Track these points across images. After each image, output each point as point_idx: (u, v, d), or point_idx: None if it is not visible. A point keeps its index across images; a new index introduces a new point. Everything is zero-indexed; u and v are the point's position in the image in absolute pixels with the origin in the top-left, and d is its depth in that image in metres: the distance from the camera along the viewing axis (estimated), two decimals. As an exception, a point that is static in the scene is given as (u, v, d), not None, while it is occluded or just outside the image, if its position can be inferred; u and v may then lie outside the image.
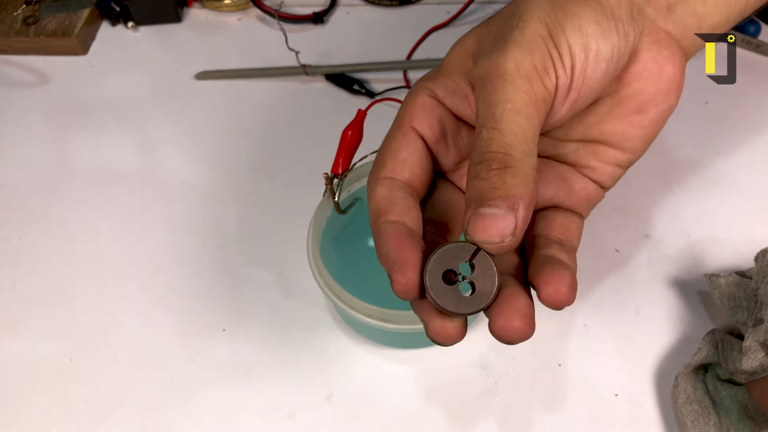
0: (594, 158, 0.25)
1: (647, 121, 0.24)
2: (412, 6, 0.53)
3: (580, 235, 0.25)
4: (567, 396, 0.33)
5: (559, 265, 0.21)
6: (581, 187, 0.25)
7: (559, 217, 0.25)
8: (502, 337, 0.20)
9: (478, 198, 0.20)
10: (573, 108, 0.22)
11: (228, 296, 0.38)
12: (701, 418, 0.30)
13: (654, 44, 0.23)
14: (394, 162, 0.23)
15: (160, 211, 0.42)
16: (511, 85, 0.20)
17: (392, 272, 0.20)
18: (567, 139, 0.25)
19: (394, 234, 0.21)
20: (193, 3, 0.54)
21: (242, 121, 0.47)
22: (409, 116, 0.24)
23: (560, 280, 0.21)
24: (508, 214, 0.19)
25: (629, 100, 0.23)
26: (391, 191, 0.23)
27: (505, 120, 0.20)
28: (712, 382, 0.32)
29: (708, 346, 0.32)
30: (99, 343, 0.36)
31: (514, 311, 0.20)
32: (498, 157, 0.20)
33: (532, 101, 0.20)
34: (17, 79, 0.50)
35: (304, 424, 0.33)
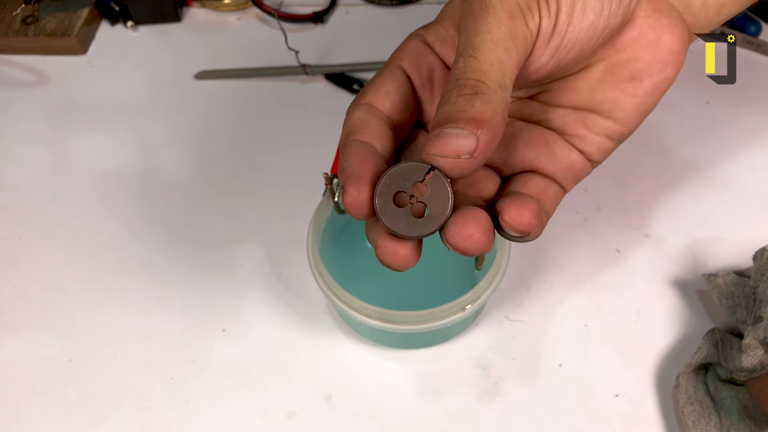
0: (583, 126, 0.24)
1: (641, 90, 0.23)
2: (412, 5, 0.53)
3: (556, 203, 0.24)
4: (567, 396, 0.33)
5: (526, 197, 0.21)
6: (564, 154, 0.24)
7: (536, 178, 0.24)
8: (456, 245, 0.20)
9: (443, 120, 0.19)
10: (555, 57, 0.21)
11: (228, 296, 0.38)
12: (702, 418, 0.30)
13: (654, 12, 0.22)
14: (376, 93, 0.23)
15: (159, 210, 0.42)
16: (493, 17, 0.20)
17: (346, 184, 0.20)
18: (556, 104, 0.24)
19: (359, 150, 0.21)
20: (193, 2, 0.54)
21: (242, 121, 0.47)
22: (399, 57, 0.24)
23: (524, 205, 0.21)
24: (470, 135, 0.19)
25: (622, 66, 0.23)
26: (368, 115, 0.22)
27: (483, 49, 0.19)
28: (713, 382, 0.32)
29: (708, 346, 0.32)
30: (99, 343, 0.36)
31: (470, 219, 0.20)
32: (470, 83, 0.19)
33: (513, 36, 0.20)
34: (17, 78, 0.50)
35: (304, 425, 0.33)
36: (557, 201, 0.24)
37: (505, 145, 0.24)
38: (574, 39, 0.21)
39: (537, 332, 0.36)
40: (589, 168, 0.25)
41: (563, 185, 0.24)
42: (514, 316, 0.36)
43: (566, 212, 0.40)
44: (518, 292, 0.37)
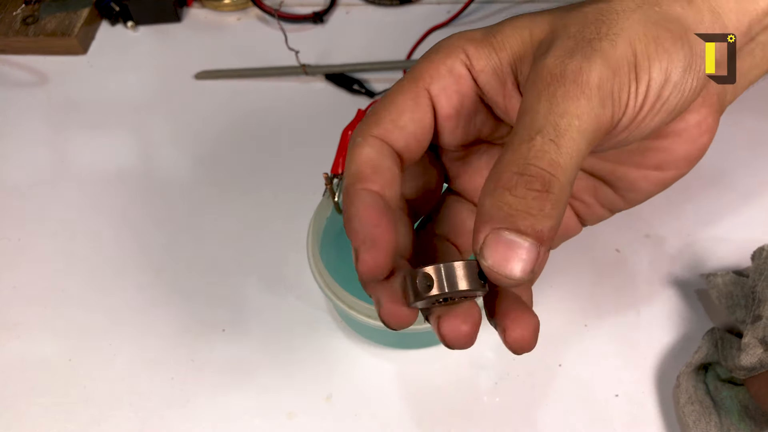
0: (592, 196, 0.23)
1: (660, 180, 0.22)
2: (412, 6, 0.53)
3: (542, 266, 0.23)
4: (567, 396, 0.33)
5: (526, 309, 0.19)
6: (563, 221, 0.22)
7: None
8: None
9: (503, 217, 0.16)
10: (611, 145, 0.20)
11: (228, 296, 0.38)
12: (703, 418, 0.30)
13: (704, 107, 0.20)
14: (393, 124, 0.20)
15: (159, 210, 0.42)
16: (587, 102, 0.17)
17: (361, 250, 0.18)
18: None
19: (372, 206, 0.19)
20: (193, 2, 0.54)
21: (242, 121, 0.47)
22: (429, 77, 0.20)
23: (527, 322, 0.19)
24: (533, 247, 0.16)
25: (654, 153, 0.21)
26: (380, 156, 0.20)
27: (569, 137, 0.17)
28: (713, 382, 0.32)
29: (708, 345, 0.32)
30: (99, 343, 0.36)
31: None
32: (544, 177, 0.16)
33: (597, 128, 0.17)
34: (17, 79, 0.50)
35: (304, 425, 0.33)
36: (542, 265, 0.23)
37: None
38: (637, 136, 0.19)
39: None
40: (578, 230, 0.25)
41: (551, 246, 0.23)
42: (514, 316, 0.36)
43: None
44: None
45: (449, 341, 0.19)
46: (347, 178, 0.20)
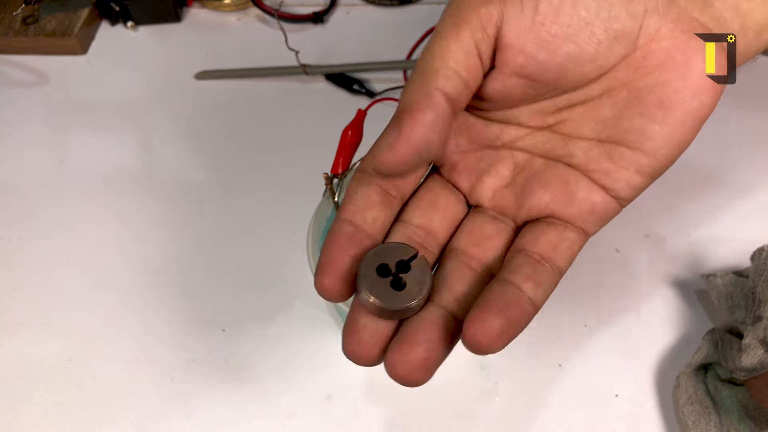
0: (608, 160, 0.22)
1: (671, 119, 0.21)
2: (412, 6, 0.53)
3: (571, 255, 0.22)
4: (567, 396, 0.33)
5: (501, 302, 0.19)
6: (584, 196, 0.22)
7: (549, 231, 0.22)
8: (396, 376, 0.20)
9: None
10: (546, 49, 0.20)
11: (228, 296, 0.38)
12: (702, 418, 0.30)
13: (681, 33, 0.20)
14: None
15: (159, 210, 0.42)
16: (447, 15, 0.20)
17: (317, 271, 0.20)
18: (579, 135, 0.22)
19: (331, 234, 0.20)
20: (193, 3, 0.54)
21: (242, 121, 0.47)
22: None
23: (487, 320, 0.18)
24: (393, 129, 0.19)
25: (649, 92, 0.21)
26: (356, 183, 0.21)
27: (428, 47, 0.20)
28: (713, 382, 0.32)
29: (708, 345, 0.32)
30: (99, 343, 0.36)
31: (410, 348, 0.19)
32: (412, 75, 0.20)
33: (457, 25, 0.20)
34: (17, 79, 0.50)
35: (304, 425, 0.33)
36: (572, 253, 0.22)
37: (521, 188, 0.22)
38: (564, 34, 0.20)
39: (537, 332, 0.36)
40: (615, 208, 0.22)
41: (585, 229, 0.22)
42: (514, 316, 0.36)
43: (566, 212, 0.40)
44: (518, 292, 0.37)
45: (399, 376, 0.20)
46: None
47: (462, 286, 0.21)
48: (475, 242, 0.22)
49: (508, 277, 0.20)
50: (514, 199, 0.22)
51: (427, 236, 0.22)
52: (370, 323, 0.20)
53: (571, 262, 0.22)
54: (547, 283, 0.21)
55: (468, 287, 0.21)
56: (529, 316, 0.20)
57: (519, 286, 0.20)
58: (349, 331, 0.20)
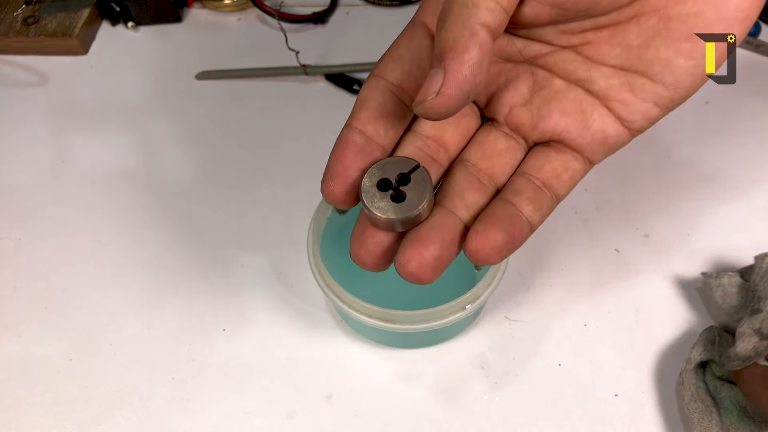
0: (629, 91, 0.21)
1: (698, 51, 0.20)
2: (413, 6, 0.53)
3: (572, 185, 0.22)
4: (567, 396, 0.33)
5: (504, 219, 0.20)
6: (599, 127, 0.22)
7: (555, 159, 0.22)
8: (403, 275, 0.20)
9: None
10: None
11: (228, 296, 0.38)
12: (705, 416, 0.30)
13: None
14: (388, 59, 0.22)
15: (159, 210, 0.42)
16: None
17: (324, 176, 0.21)
18: (601, 60, 0.22)
19: (342, 141, 0.21)
20: (193, 3, 0.54)
21: (242, 121, 0.47)
22: (423, 10, 0.22)
23: (491, 234, 0.20)
24: (438, 70, 0.18)
25: (680, 22, 0.20)
26: (370, 92, 0.21)
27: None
28: (712, 381, 0.32)
29: (704, 342, 0.32)
30: (99, 343, 0.36)
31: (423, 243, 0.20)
32: (441, 14, 0.18)
33: None
34: (17, 79, 0.50)
35: (304, 425, 0.33)
36: (575, 181, 0.22)
37: (538, 108, 0.22)
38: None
39: (537, 332, 0.36)
40: (626, 138, 0.22)
41: (591, 158, 0.22)
42: (514, 316, 0.36)
43: (566, 212, 0.40)
44: (518, 292, 0.37)
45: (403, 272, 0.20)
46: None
47: (472, 196, 0.21)
48: (486, 156, 0.22)
49: (510, 198, 0.21)
50: (529, 118, 0.22)
51: (439, 148, 0.22)
52: (374, 233, 0.21)
53: (570, 190, 0.22)
54: (545, 208, 0.22)
55: (477, 198, 0.22)
56: (525, 236, 0.21)
57: (519, 208, 0.21)
58: (356, 239, 0.21)
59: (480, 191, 0.22)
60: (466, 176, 0.22)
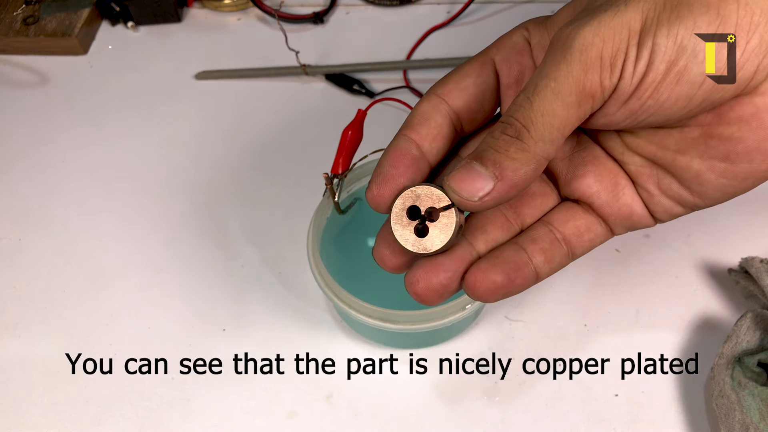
0: (655, 185, 0.22)
1: (731, 174, 0.20)
2: (412, 6, 0.53)
3: (590, 247, 0.23)
4: (567, 396, 0.33)
5: (509, 264, 0.21)
6: (627, 202, 0.22)
7: (581, 218, 0.23)
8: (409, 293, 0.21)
9: (478, 153, 0.19)
10: (631, 118, 0.20)
11: (228, 296, 0.38)
12: (730, 413, 0.30)
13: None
14: (454, 85, 0.22)
15: (159, 211, 0.42)
16: (566, 65, 0.18)
17: (372, 180, 0.21)
18: (636, 150, 0.22)
19: (400, 149, 0.21)
20: (193, 3, 0.54)
21: (242, 121, 0.47)
22: (495, 49, 0.23)
23: (490, 274, 0.21)
24: (490, 179, 0.19)
25: (720, 142, 0.20)
26: (432, 111, 0.22)
27: (541, 96, 0.18)
28: (738, 378, 0.31)
29: (750, 332, 0.31)
30: (99, 343, 0.36)
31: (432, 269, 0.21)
32: (516, 126, 0.19)
33: (578, 91, 0.18)
34: (17, 79, 0.50)
35: (304, 425, 0.33)
36: (594, 245, 0.23)
37: (576, 166, 0.23)
38: (657, 107, 0.19)
39: (537, 332, 0.36)
40: (649, 223, 0.23)
41: (613, 228, 0.23)
42: (514, 316, 0.36)
43: (566, 212, 0.40)
44: (518, 292, 0.37)
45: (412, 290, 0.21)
46: (401, 126, 0.22)
47: (494, 231, 0.22)
48: (522, 202, 0.23)
49: (525, 245, 0.22)
50: (566, 172, 0.23)
51: None
52: (393, 247, 0.22)
53: (586, 252, 0.23)
54: (556, 263, 0.22)
55: (498, 234, 0.22)
56: (528, 284, 0.21)
57: (531, 256, 0.21)
58: (378, 242, 0.22)
59: (503, 228, 0.22)
60: (493, 211, 0.22)
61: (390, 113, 0.45)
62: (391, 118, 0.44)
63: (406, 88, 0.47)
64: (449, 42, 0.50)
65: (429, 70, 0.48)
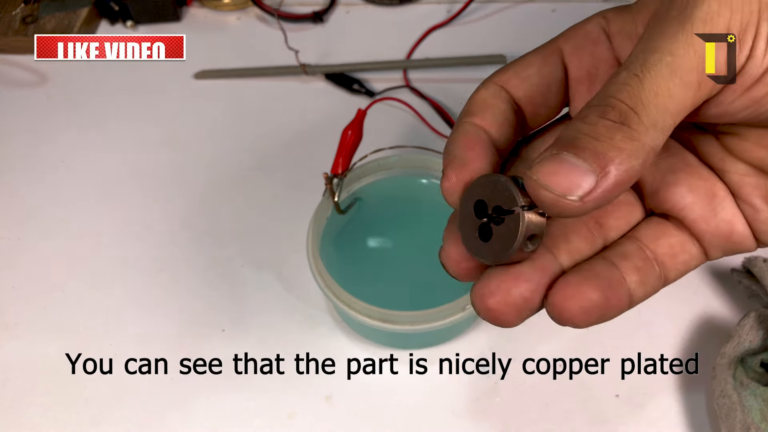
0: (761, 198, 0.18)
1: None
2: (412, 5, 0.53)
3: (684, 270, 0.19)
4: (567, 397, 0.33)
5: (603, 280, 0.17)
6: (726, 218, 0.18)
7: (674, 235, 0.19)
8: (476, 308, 0.17)
9: (568, 140, 0.15)
10: (752, 108, 0.16)
11: (228, 296, 0.38)
12: (731, 413, 0.30)
13: None
14: (515, 73, 0.19)
15: (159, 210, 0.42)
16: (686, 35, 0.15)
17: (446, 167, 0.18)
18: (741, 155, 0.18)
19: (469, 134, 0.18)
20: (192, 2, 0.54)
21: (242, 121, 0.46)
22: (564, 38, 0.19)
23: (585, 290, 0.16)
24: (591, 173, 0.14)
25: None
26: (493, 98, 0.19)
27: (654, 73, 0.15)
28: (740, 378, 0.31)
29: (752, 332, 0.31)
30: (99, 343, 0.36)
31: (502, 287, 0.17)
32: (621, 108, 0.15)
33: (701, 69, 0.15)
34: (16, 78, 0.50)
35: (304, 425, 0.33)
36: (689, 268, 0.19)
37: (664, 174, 0.19)
38: None
39: (537, 332, 0.35)
40: (752, 245, 0.19)
41: (708, 252, 0.19)
42: (514, 316, 0.36)
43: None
44: (518, 292, 0.37)
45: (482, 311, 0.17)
46: (459, 117, 0.19)
47: (577, 241, 0.18)
48: (604, 212, 0.19)
49: (616, 261, 0.18)
50: (653, 179, 0.19)
51: None
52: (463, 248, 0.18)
53: (680, 277, 0.19)
54: (650, 286, 0.18)
55: (582, 245, 0.18)
56: (623, 308, 0.18)
57: (624, 274, 0.18)
58: (446, 240, 0.18)
59: (587, 239, 0.19)
60: (576, 220, 0.19)
61: (390, 113, 0.45)
62: (391, 118, 0.44)
63: (406, 88, 0.47)
64: (449, 41, 0.50)
65: (429, 70, 0.48)
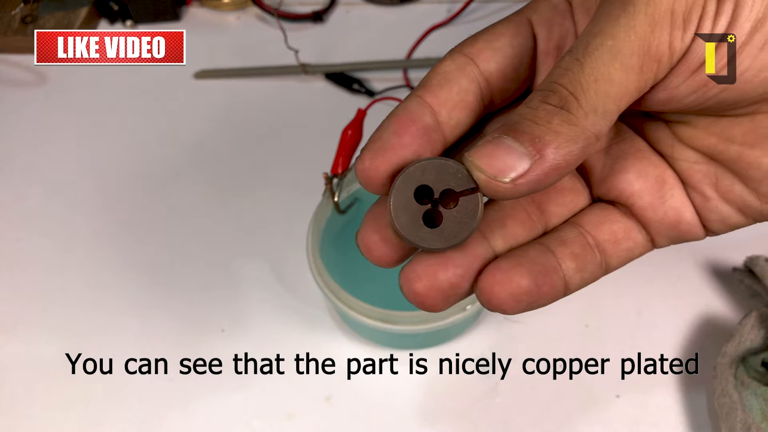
0: (711, 186, 0.18)
1: None
2: (413, 4, 0.53)
3: (627, 258, 0.18)
4: (568, 397, 0.33)
5: (536, 265, 0.16)
6: (674, 205, 0.18)
7: (618, 222, 0.18)
8: (406, 293, 0.16)
9: (510, 124, 0.15)
10: (699, 93, 0.16)
11: (227, 296, 0.38)
12: (732, 412, 0.30)
13: None
14: (486, 45, 0.18)
15: (159, 210, 0.42)
16: (628, 20, 0.15)
17: (365, 148, 0.16)
18: (691, 143, 0.18)
19: (408, 113, 0.17)
20: (192, 1, 0.54)
21: (242, 121, 0.46)
22: (532, 8, 0.18)
23: (514, 276, 0.16)
24: (525, 156, 0.14)
25: None
26: (457, 71, 0.17)
27: (595, 57, 0.15)
28: (741, 377, 0.31)
29: (754, 331, 0.31)
30: (99, 343, 0.36)
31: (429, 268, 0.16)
32: (561, 93, 0.15)
33: (642, 52, 0.15)
34: (16, 78, 0.50)
35: (304, 425, 0.33)
36: (632, 256, 0.19)
37: (614, 159, 0.19)
38: (737, 84, 0.15)
39: (537, 332, 0.35)
40: (700, 234, 0.18)
41: (655, 240, 0.18)
42: (514, 316, 0.36)
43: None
44: (518, 292, 0.37)
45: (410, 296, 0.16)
46: (417, 85, 0.18)
47: (514, 227, 0.18)
48: (547, 197, 0.19)
49: (553, 247, 0.17)
50: (602, 166, 0.19)
51: None
52: (384, 233, 0.17)
53: (622, 265, 0.19)
54: (588, 273, 0.18)
55: (519, 231, 0.18)
56: (556, 295, 0.17)
57: (560, 260, 0.17)
58: (366, 226, 0.17)
59: (525, 225, 0.18)
60: (513, 203, 0.18)
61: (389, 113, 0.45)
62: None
63: (406, 88, 0.47)
64: (449, 41, 0.50)
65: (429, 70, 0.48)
